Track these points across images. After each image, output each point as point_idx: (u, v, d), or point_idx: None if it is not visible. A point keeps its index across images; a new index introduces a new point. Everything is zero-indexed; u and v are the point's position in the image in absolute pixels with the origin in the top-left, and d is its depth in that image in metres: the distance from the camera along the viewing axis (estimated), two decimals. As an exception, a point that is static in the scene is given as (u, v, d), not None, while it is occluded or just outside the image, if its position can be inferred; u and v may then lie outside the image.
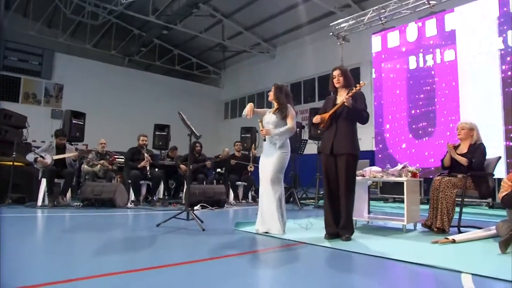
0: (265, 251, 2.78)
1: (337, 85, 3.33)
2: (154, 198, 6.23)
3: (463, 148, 3.69)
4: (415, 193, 3.73)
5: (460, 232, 3.37)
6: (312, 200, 7.15)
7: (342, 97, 3.28)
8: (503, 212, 3.55)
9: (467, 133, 3.68)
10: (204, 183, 6.94)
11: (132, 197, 5.95)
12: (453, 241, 2.98)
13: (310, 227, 3.69)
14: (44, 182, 5.30)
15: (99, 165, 6.49)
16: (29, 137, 7.48)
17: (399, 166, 3.84)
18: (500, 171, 4.44)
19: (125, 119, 18.56)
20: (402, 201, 3.78)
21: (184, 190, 6.30)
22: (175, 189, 7.75)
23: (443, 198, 3.47)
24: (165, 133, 8.48)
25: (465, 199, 3.56)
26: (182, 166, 6.71)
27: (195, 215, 3.71)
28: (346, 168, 3.12)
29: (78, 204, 5.40)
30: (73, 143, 7.44)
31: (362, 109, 3.19)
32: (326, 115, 3.23)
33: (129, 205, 5.64)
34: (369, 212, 4.27)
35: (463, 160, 3.51)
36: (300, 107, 18.06)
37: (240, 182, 7.11)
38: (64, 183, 5.48)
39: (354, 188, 3.19)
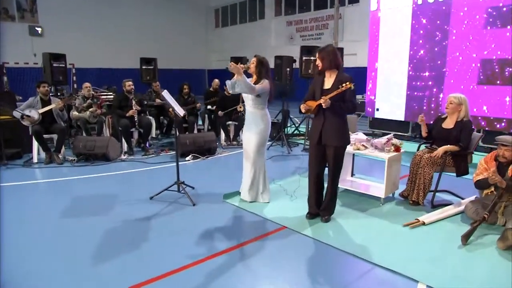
0: (245, 244, 3.03)
1: (319, 69, 3.19)
2: (147, 145, 6.36)
3: (450, 123, 3.70)
4: (396, 165, 3.87)
5: (433, 206, 3.63)
6: (303, 137, 7.31)
7: (330, 79, 3.17)
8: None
9: (454, 107, 3.64)
10: (195, 125, 7.00)
11: (125, 147, 6.07)
12: (423, 223, 3.26)
13: (295, 198, 3.92)
14: (35, 143, 5.35)
15: (88, 111, 6.43)
16: (11, 59, 7.13)
17: (384, 138, 3.90)
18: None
19: (106, 34, 17.67)
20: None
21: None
22: (167, 126, 7.84)
23: (421, 174, 3.64)
24: (152, 67, 8.19)
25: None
26: (171, 110, 6.64)
27: (185, 190, 3.91)
28: (334, 157, 3.20)
29: (73, 159, 5.54)
30: (58, 87, 7.26)
31: (346, 107, 3.09)
32: (313, 104, 3.14)
33: (122, 156, 5.79)
34: (352, 175, 4.49)
35: (454, 149, 3.57)
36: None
37: (230, 122, 7.16)
38: (57, 141, 5.51)
39: (339, 174, 3.30)
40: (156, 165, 5.39)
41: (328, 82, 3.17)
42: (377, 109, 6.66)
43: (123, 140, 6.08)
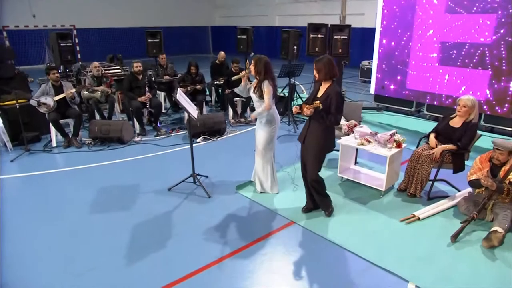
0: (259, 241, 3.40)
1: (316, 79, 3.36)
2: (158, 125, 6.60)
3: (457, 122, 3.88)
4: (397, 161, 4.13)
5: (429, 199, 3.95)
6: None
7: (323, 88, 3.36)
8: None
9: (467, 111, 3.80)
10: (203, 104, 7.16)
11: (137, 128, 6.33)
12: (418, 219, 3.59)
13: (301, 189, 4.23)
14: (53, 128, 5.61)
15: (99, 92, 6.59)
16: (10, 22, 7.16)
17: (387, 134, 4.11)
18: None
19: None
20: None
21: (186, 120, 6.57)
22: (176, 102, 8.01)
23: (420, 170, 3.91)
24: (157, 40, 8.15)
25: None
26: (180, 88, 6.77)
27: (200, 182, 4.24)
28: (311, 158, 3.44)
29: (90, 142, 5.83)
30: (69, 70, 7.33)
31: (328, 119, 3.23)
32: (303, 108, 3.31)
33: (136, 138, 6.06)
34: (356, 163, 4.77)
35: (452, 148, 3.79)
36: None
37: (238, 98, 7.30)
38: (74, 126, 5.76)
39: (315, 174, 3.50)
40: (169, 149, 5.68)
41: (321, 90, 3.36)
42: (383, 87, 6.74)
43: (135, 120, 6.32)
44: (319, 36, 6.68)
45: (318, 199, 3.65)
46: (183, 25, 20.72)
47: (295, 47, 6.79)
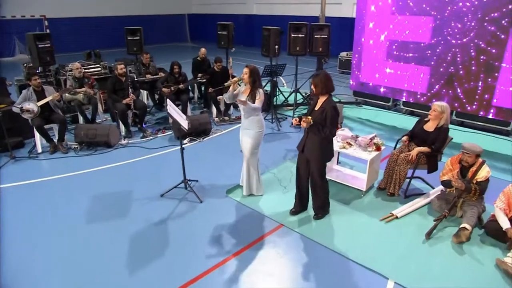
0: (252, 245, 3.63)
1: (314, 93, 3.56)
2: (143, 126, 6.65)
3: (430, 127, 4.20)
4: (377, 162, 4.43)
5: (406, 197, 4.29)
6: (291, 107, 7.68)
7: (320, 101, 3.56)
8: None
9: (437, 115, 4.11)
10: (188, 103, 7.23)
11: (123, 130, 6.36)
12: (396, 217, 3.92)
13: (287, 191, 4.48)
14: (37, 133, 5.58)
15: (81, 94, 6.54)
16: None
17: (368, 138, 4.39)
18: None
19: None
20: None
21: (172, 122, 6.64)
22: (159, 99, 8.03)
23: (397, 171, 4.23)
24: (137, 37, 8.07)
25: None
26: (164, 89, 6.83)
27: (191, 188, 4.41)
28: (316, 168, 3.69)
29: (76, 146, 5.84)
30: (47, 70, 7.20)
31: (324, 131, 3.44)
32: (302, 119, 3.52)
33: (122, 141, 6.11)
34: (338, 163, 5.05)
35: (426, 150, 4.10)
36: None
37: (221, 97, 7.41)
38: (59, 131, 5.73)
39: (320, 183, 3.78)
40: (157, 151, 5.78)
41: (319, 104, 3.57)
42: (362, 84, 7.01)
43: (120, 123, 6.35)
44: (300, 35, 6.83)
45: (318, 202, 3.87)
46: (158, 13, 20.27)
47: (276, 46, 6.91)
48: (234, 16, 18.71)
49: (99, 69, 8.24)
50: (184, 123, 4.13)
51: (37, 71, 7.09)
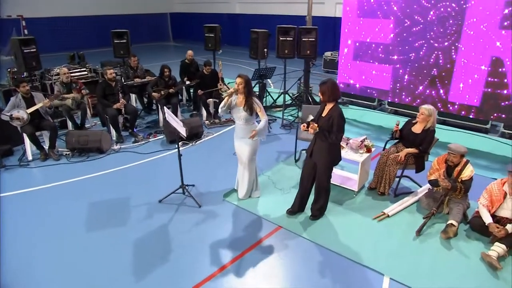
0: (253, 248, 3.77)
1: (321, 100, 3.70)
2: (134, 130, 6.65)
3: (418, 128, 4.42)
4: (367, 163, 4.63)
5: (396, 195, 4.50)
6: (280, 108, 7.80)
7: (327, 108, 3.70)
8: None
9: (424, 118, 4.33)
10: (178, 107, 7.26)
11: (114, 135, 6.35)
12: (388, 216, 4.13)
13: (283, 193, 4.63)
14: (28, 140, 5.52)
15: (69, 99, 6.49)
16: None
17: (358, 140, 4.58)
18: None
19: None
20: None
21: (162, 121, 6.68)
22: (148, 102, 8.03)
23: (387, 172, 4.43)
24: (124, 40, 8.02)
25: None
26: (154, 94, 6.85)
27: (189, 193, 4.50)
28: (324, 172, 3.85)
29: (68, 153, 5.81)
30: (33, 75, 7.08)
31: (330, 137, 3.59)
32: (310, 126, 3.67)
33: (114, 146, 6.11)
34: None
35: (414, 151, 4.31)
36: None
37: (210, 99, 7.47)
38: (50, 138, 5.68)
39: (325, 189, 3.96)
40: (150, 156, 5.81)
41: (326, 111, 3.71)
42: (348, 85, 7.21)
43: (111, 128, 6.33)
44: (288, 39, 6.97)
45: (320, 204, 4.03)
46: (140, 13, 20.01)
47: (265, 50, 7.03)
48: (217, 15, 18.70)
49: (85, 72, 8.15)
50: (182, 130, 4.20)
51: (22, 76, 6.99)
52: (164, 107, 4.63)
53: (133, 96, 7.89)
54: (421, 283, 3.16)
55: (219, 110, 4.12)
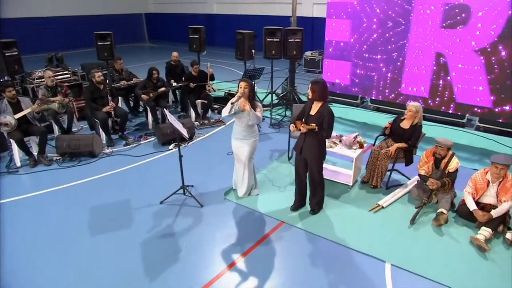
0: (259, 243, 3.90)
1: (310, 98, 3.87)
2: (125, 133, 6.60)
3: (406, 124, 4.69)
4: (360, 158, 4.87)
5: (387, 188, 4.77)
6: (267, 108, 7.93)
7: (316, 107, 3.88)
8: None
9: (412, 115, 4.61)
10: (166, 109, 7.25)
11: (104, 138, 6.28)
12: (382, 207, 4.38)
13: (281, 190, 4.79)
14: (16, 147, 5.38)
15: (56, 103, 6.35)
16: None
17: (351, 137, 4.81)
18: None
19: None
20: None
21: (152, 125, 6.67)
22: (134, 105, 7.96)
23: (379, 166, 4.69)
24: (108, 42, 7.90)
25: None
26: (143, 96, 6.82)
27: (191, 193, 4.56)
28: (311, 168, 4.04)
29: (58, 158, 5.70)
30: (16, 77, 6.89)
31: (321, 134, 3.78)
32: (298, 125, 3.84)
33: (106, 150, 6.05)
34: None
35: (403, 146, 4.59)
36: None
37: (199, 100, 7.52)
38: (40, 143, 5.55)
39: (319, 183, 4.15)
40: (144, 159, 5.81)
41: (314, 109, 3.89)
42: (333, 84, 7.47)
43: (101, 131, 6.26)
44: (275, 40, 7.13)
45: (317, 198, 4.22)
46: (114, 13, 19.57)
47: (253, 51, 7.17)
48: (194, 16, 18.62)
49: (68, 76, 7.97)
50: (184, 132, 4.27)
51: (2, 80, 6.77)
52: (166, 111, 4.67)
53: (119, 99, 7.78)
54: (419, 267, 3.41)
55: (223, 114, 4.14)
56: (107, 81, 7.55)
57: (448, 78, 5.94)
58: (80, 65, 9.61)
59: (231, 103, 4.03)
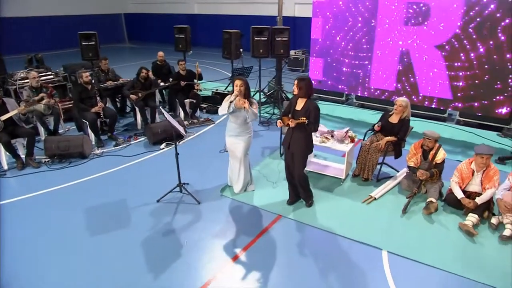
0: (260, 236, 3.98)
1: (295, 94, 3.99)
2: (114, 133, 6.53)
3: (395, 119, 4.88)
4: (352, 153, 5.03)
5: (378, 180, 4.95)
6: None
7: (301, 102, 4.01)
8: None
9: (401, 109, 4.81)
10: (156, 110, 7.22)
11: (93, 139, 6.20)
12: (375, 199, 4.55)
13: (276, 185, 4.88)
14: (2, 149, 5.25)
15: (42, 105, 6.21)
16: None
17: (343, 132, 4.96)
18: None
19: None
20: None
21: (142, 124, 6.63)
22: (121, 105, 7.88)
23: (370, 159, 4.86)
24: (93, 42, 7.79)
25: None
26: (132, 96, 6.76)
27: (187, 191, 4.59)
28: (297, 161, 4.14)
29: (47, 160, 5.59)
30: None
31: (309, 128, 3.90)
32: (285, 121, 3.96)
33: (96, 151, 5.98)
34: (314, 156, 5.56)
35: (393, 139, 4.77)
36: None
37: (187, 100, 7.53)
38: (27, 145, 5.43)
39: (301, 173, 4.19)
40: (135, 159, 5.77)
41: (300, 105, 4.02)
42: (320, 82, 7.64)
43: (90, 132, 6.18)
44: (262, 38, 7.23)
45: (302, 193, 4.33)
46: (93, 13, 19.18)
47: (241, 49, 7.24)
48: (174, 16, 18.49)
49: (52, 76, 7.80)
50: (181, 129, 4.29)
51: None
52: (162, 109, 4.68)
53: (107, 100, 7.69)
54: (414, 253, 3.58)
55: (220, 113, 4.22)
56: (93, 81, 7.46)
57: (431, 74, 6.21)
58: (62, 66, 9.40)
59: (230, 102, 4.09)
